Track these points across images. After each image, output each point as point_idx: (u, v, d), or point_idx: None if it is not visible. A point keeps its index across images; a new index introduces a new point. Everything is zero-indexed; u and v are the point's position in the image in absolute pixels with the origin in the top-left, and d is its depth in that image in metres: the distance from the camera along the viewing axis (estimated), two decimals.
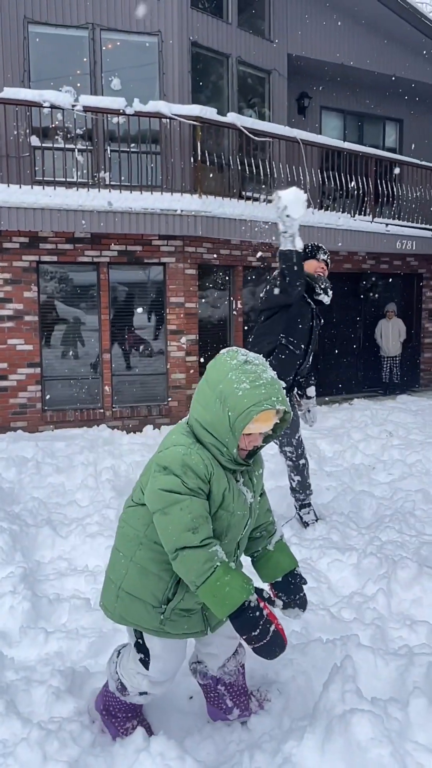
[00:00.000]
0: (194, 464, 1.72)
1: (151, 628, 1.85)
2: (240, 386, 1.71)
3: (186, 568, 1.71)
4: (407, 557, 3.17)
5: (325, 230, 9.04)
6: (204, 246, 8.27)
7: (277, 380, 1.79)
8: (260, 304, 3.98)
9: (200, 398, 1.80)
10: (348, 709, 1.75)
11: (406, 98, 11.98)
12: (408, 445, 6.06)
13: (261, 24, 9.97)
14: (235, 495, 1.82)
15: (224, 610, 1.69)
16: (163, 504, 1.71)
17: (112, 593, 1.90)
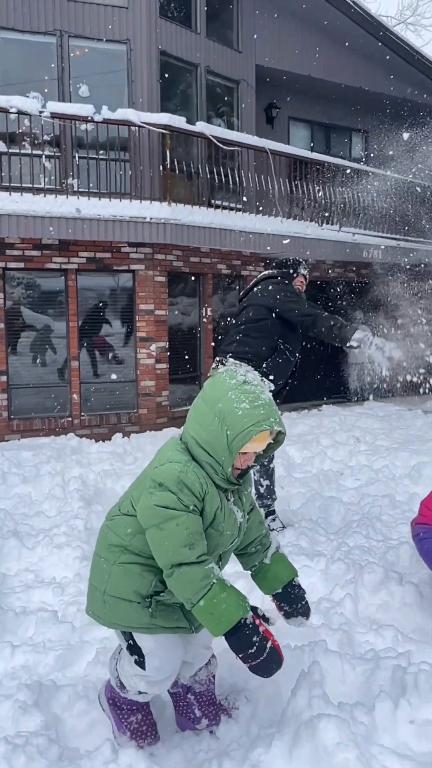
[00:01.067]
0: (190, 482, 1.73)
1: (143, 626, 1.84)
2: (240, 406, 1.73)
3: (182, 586, 1.71)
4: (374, 562, 3.22)
5: (293, 239, 9.14)
6: (174, 253, 8.28)
7: (274, 401, 1.83)
8: (258, 300, 3.87)
9: (197, 416, 1.81)
10: (315, 714, 1.77)
11: (372, 110, 12.22)
12: (375, 450, 6.15)
13: (229, 35, 10.07)
14: (226, 514, 1.83)
15: (220, 628, 1.68)
16: (159, 519, 1.71)
17: (98, 599, 1.89)
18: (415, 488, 4.96)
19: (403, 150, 12.48)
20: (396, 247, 10.78)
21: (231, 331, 3.96)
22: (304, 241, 9.30)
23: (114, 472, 5.53)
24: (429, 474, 5.14)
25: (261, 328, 3.77)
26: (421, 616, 2.69)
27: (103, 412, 7.96)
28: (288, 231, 9.08)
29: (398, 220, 11.10)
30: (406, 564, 3.33)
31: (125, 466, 5.92)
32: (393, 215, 11.02)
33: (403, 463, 5.60)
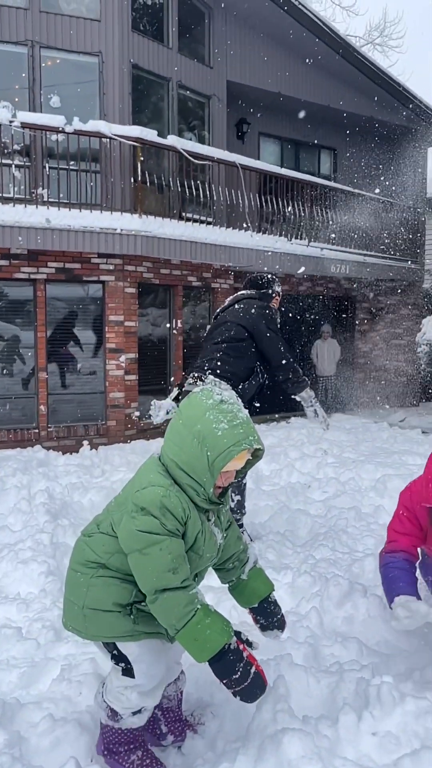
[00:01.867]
0: (172, 507, 1.72)
1: (126, 634, 1.82)
2: (219, 426, 1.73)
3: (166, 611, 1.69)
4: (339, 575, 3.26)
5: (263, 253, 9.26)
6: (144, 265, 8.30)
7: (250, 419, 1.83)
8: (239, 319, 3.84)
9: (175, 438, 1.79)
10: (280, 728, 1.78)
11: (340, 128, 12.49)
12: (342, 463, 6.24)
13: (201, 50, 10.20)
14: (207, 537, 1.83)
15: (204, 655, 1.67)
16: (142, 545, 1.70)
17: (78, 614, 1.86)
18: (380, 500, 5.04)
19: (370, 168, 12.79)
20: (362, 263, 11.00)
21: (208, 346, 3.89)
22: (273, 255, 9.42)
23: (81, 485, 5.48)
24: (394, 486, 5.23)
25: (241, 349, 3.76)
26: (385, 628, 2.73)
27: (71, 423, 7.89)
28: (258, 245, 9.19)
29: (365, 236, 11.34)
30: (370, 576, 3.37)
31: (93, 479, 5.87)
32: (360, 232, 11.25)
33: (369, 476, 5.69)
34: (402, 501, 2.50)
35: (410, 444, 7.66)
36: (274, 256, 9.45)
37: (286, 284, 10.75)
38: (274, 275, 4.28)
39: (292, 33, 10.58)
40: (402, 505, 2.45)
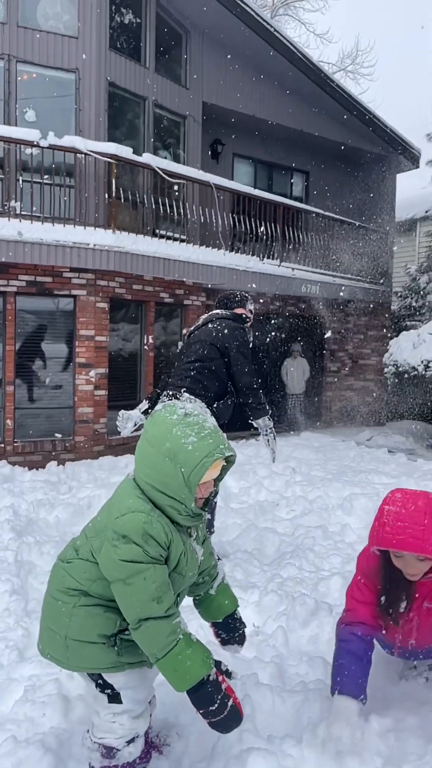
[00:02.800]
0: (155, 533, 1.70)
1: (110, 666, 1.79)
2: (188, 440, 1.71)
3: (149, 640, 1.68)
4: (306, 594, 3.29)
5: (235, 271, 9.36)
6: (116, 280, 8.31)
7: (218, 427, 1.83)
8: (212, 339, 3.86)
9: (146, 460, 1.77)
10: (245, 748, 1.79)
11: (313, 152, 12.76)
12: (310, 481, 6.29)
13: (177, 71, 10.35)
14: (189, 557, 1.82)
15: (184, 685, 1.67)
16: (125, 574, 1.67)
17: (59, 644, 1.81)
18: (347, 519, 5.10)
19: (341, 192, 13.08)
20: (332, 284, 11.20)
21: (181, 364, 3.90)
22: (245, 274, 9.53)
23: (48, 502, 5.41)
24: (360, 505, 5.31)
25: (214, 369, 3.78)
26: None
27: (38, 438, 7.79)
28: (230, 263, 9.29)
29: (335, 258, 11.56)
30: (336, 595, 3.41)
31: (60, 496, 5.81)
32: (331, 253, 11.47)
33: (336, 494, 5.76)
34: (359, 566, 2.35)
35: (377, 463, 7.78)
36: (246, 275, 9.56)
37: (258, 303, 10.85)
38: (246, 293, 4.30)
39: (267, 58, 10.81)
40: (360, 570, 2.33)
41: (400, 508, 2.00)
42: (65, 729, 2.11)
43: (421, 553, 1.95)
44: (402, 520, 1.96)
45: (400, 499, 2.04)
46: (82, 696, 2.30)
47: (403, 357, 9.68)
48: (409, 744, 2.01)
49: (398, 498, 2.06)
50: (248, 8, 10.02)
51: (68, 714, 2.18)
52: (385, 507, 2.06)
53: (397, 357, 9.87)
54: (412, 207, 16.58)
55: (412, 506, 2.00)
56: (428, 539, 1.95)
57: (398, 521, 1.97)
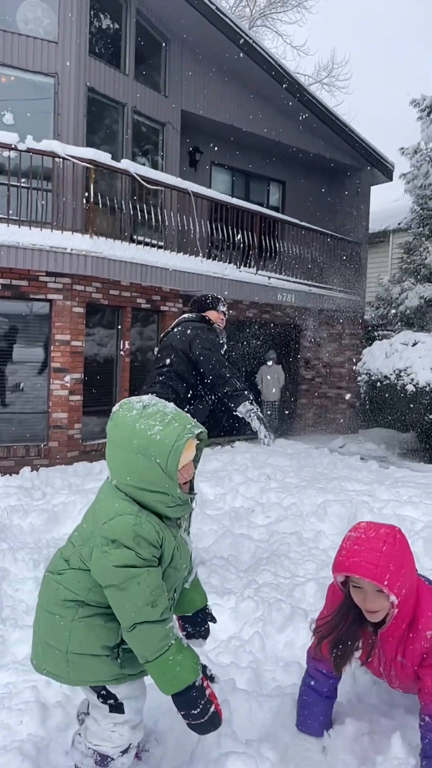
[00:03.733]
0: (146, 533, 1.68)
1: (112, 678, 1.77)
2: (154, 431, 1.69)
3: (141, 643, 1.68)
4: (281, 599, 3.33)
5: (212, 279, 9.41)
6: (93, 285, 8.28)
7: (179, 409, 1.81)
8: (176, 343, 3.86)
9: (119, 464, 1.75)
10: (224, 752, 1.81)
11: (289, 162, 12.93)
12: (284, 488, 6.35)
13: (157, 78, 10.40)
14: (182, 550, 1.82)
15: (171, 689, 1.68)
16: (119, 580, 1.65)
17: (60, 659, 1.77)
18: (321, 526, 5.16)
19: (316, 202, 13.26)
20: (308, 293, 11.34)
21: (153, 371, 3.93)
22: (222, 281, 9.60)
23: (21, 508, 5.36)
24: (334, 512, 5.37)
25: (181, 372, 3.76)
26: None
27: (11, 443, 7.70)
28: (207, 271, 9.34)
29: (310, 267, 11.71)
30: (311, 601, 3.46)
31: (33, 502, 5.75)
32: (306, 263, 11.61)
33: (310, 501, 5.82)
34: (327, 598, 2.23)
35: (349, 470, 7.88)
36: (223, 283, 9.62)
37: (234, 310, 10.94)
38: (218, 296, 4.26)
39: (245, 68, 10.93)
40: (327, 602, 2.21)
41: (361, 534, 1.95)
42: (43, 737, 2.11)
43: (374, 580, 1.83)
44: (359, 544, 1.90)
45: (363, 527, 1.99)
46: (60, 703, 2.29)
47: (376, 366, 9.84)
48: (383, 746, 2.05)
49: (362, 526, 2.01)
50: (227, 18, 10.13)
51: (46, 721, 2.18)
52: (348, 534, 2.00)
53: (370, 366, 10.03)
54: (386, 219, 16.89)
55: (373, 533, 1.94)
56: (384, 568, 1.85)
57: (355, 545, 1.91)
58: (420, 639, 1.99)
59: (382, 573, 1.84)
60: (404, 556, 1.92)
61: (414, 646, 2.00)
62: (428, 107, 12.84)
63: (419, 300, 12.59)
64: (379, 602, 1.90)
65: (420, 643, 1.99)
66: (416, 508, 5.55)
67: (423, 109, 12.87)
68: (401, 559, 1.90)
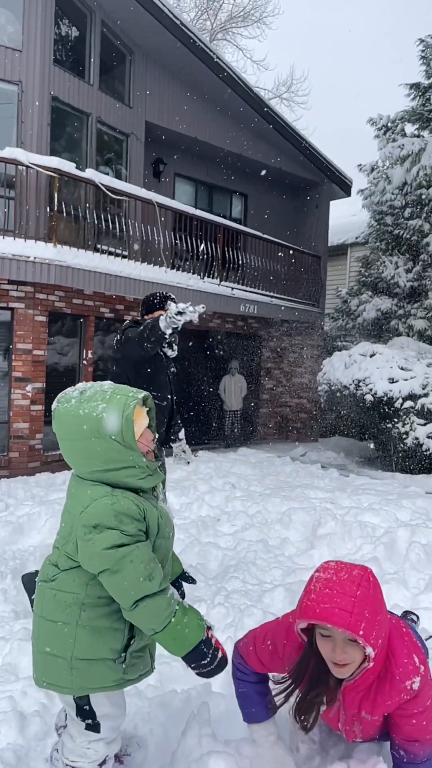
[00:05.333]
0: (126, 508, 1.68)
1: (114, 684, 1.77)
2: (98, 410, 1.69)
3: (147, 618, 1.69)
4: (252, 605, 3.39)
5: (176, 289, 9.48)
6: (56, 294, 8.24)
7: (113, 383, 1.82)
8: (116, 353, 3.85)
9: (77, 455, 1.74)
10: (205, 752, 1.86)
11: (251, 175, 13.15)
12: (249, 496, 6.43)
13: (121, 90, 10.46)
14: (165, 519, 1.83)
15: (183, 650, 1.72)
16: (111, 563, 1.64)
17: (63, 668, 1.74)
18: (286, 533, 5.26)
19: (277, 215, 13.52)
20: (269, 304, 11.53)
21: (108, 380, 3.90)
22: (186, 291, 9.67)
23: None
24: (299, 519, 5.48)
25: (129, 379, 3.66)
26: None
27: None
28: (171, 281, 9.40)
29: (272, 278, 11.92)
30: (280, 606, 3.54)
31: None
32: (268, 274, 11.81)
33: (275, 509, 5.91)
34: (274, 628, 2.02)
35: (311, 478, 8.04)
36: (187, 293, 9.69)
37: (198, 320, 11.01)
38: (168, 294, 4.00)
39: (208, 81, 11.10)
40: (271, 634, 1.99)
41: (332, 575, 1.73)
42: (22, 745, 2.11)
43: (348, 629, 1.63)
44: (330, 588, 1.68)
45: (333, 568, 1.78)
46: (38, 712, 2.30)
47: (335, 376, 10.07)
48: None
49: (332, 566, 1.79)
50: (189, 31, 10.28)
51: (24, 730, 2.18)
52: (315, 575, 1.79)
53: (330, 376, 10.25)
54: (344, 232, 17.32)
55: (345, 575, 1.73)
56: (359, 615, 1.64)
57: (326, 588, 1.69)
58: (397, 691, 1.77)
59: (357, 621, 1.64)
60: (379, 600, 1.73)
61: (388, 700, 1.79)
62: (385, 126, 13.29)
63: (376, 312, 12.95)
64: (351, 654, 1.70)
65: (398, 695, 1.77)
66: (377, 515, 5.71)
67: (380, 128, 13.31)
68: (376, 603, 1.71)
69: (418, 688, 1.77)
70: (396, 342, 11.14)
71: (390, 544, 4.78)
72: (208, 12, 23.86)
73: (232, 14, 24.20)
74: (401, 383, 9.31)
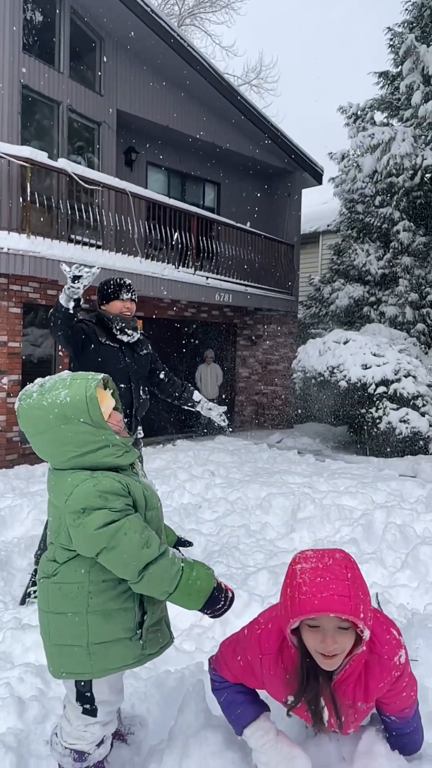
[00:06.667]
0: (109, 487, 1.71)
1: (134, 661, 1.82)
2: (62, 397, 1.72)
3: (156, 584, 1.72)
4: (237, 588, 3.50)
5: (151, 279, 9.49)
6: (30, 285, 8.18)
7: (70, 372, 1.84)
8: None
9: (50, 446, 1.76)
10: (201, 726, 1.96)
11: (224, 164, 13.15)
12: (229, 483, 6.54)
13: (92, 77, 10.34)
14: (150, 492, 1.86)
15: (200, 603, 1.77)
16: (106, 541, 1.67)
17: (81, 655, 1.77)
18: (266, 518, 5.39)
19: (250, 203, 13.55)
20: (244, 293, 11.60)
21: None
22: (160, 281, 9.69)
23: None
24: (278, 504, 5.61)
25: None
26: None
27: None
28: (146, 270, 9.40)
29: (246, 267, 11.98)
30: (264, 588, 3.66)
31: None
32: (242, 263, 11.87)
33: (254, 495, 6.04)
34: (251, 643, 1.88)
35: (288, 464, 8.18)
36: (162, 282, 9.71)
37: (173, 309, 11.06)
38: (123, 280, 3.77)
39: (179, 71, 11.02)
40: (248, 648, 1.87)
41: (316, 563, 1.65)
42: (22, 729, 2.18)
43: (351, 614, 1.56)
44: (322, 576, 1.61)
45: (314, 556, 1.70)
46: (36, 696, 2.36)
47: (310, 363, 10.22)
48: None
49: (310, 555, 1.71)
50: (158, 18, 10.18)
51: (23, 714, 2.25)
52: (296, 567, 1.68)
53: (305, 363, 10.40)
54: (316, 220, 17.46)
55: (330, 560, 1.66)
56: (356, 598, 1.58)
57: (317, 577, 1.61)
58: (388, 670, 1.74)
59: (356, 604, 1.58)
60: (363, 579, 1.68)
61: (380, 682, 1.75)
62: (354, 114, 13.41)
63: (349, 300, 13.14)
64: (341, 642, 1.62)
65: (389, 674, 1.74)
66: (354, 498, 5.88)
67: (350, 116, 13.43)
68: (364, 583, 1.67)
69: (404, 661, 1.78)
70: (368, 329, 11.34)
71: (367, 525, 4.94)
72: None
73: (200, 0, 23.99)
74: (374, 369, 9.50)
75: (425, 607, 3.48)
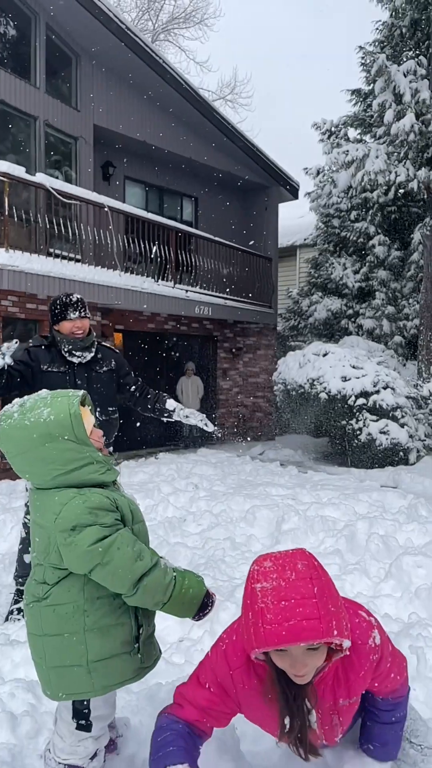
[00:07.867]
0: (98, 503, 1.70)
1: (134, 675, 1.82)
2: (44, 416, 1.70)
3: (151, 594, 1.72)
4: (224, 600, 3.49)
5: (130, 292, 9.51)
6: (9, 299, 8.14)
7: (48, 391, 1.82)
8: None
9: (33, 465, 1.73)
10: None
11: (201, 179, 13.27)
12: (213, 496, 6.53)
13: (68, 92, 10.40)
14: (134, 506, 1.87)
15: (192, 611, 1.80)
16: (100, 556, 1.66)
17: (81, 675, 1.75)
18: (251, 530, 5.38)
19: (228, 217, 13.68)
20: (223, 306, 11.68)
21: None
22: (140, 294, 9.71)
23: None
24: (263, 516, 5.62)
25: None
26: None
27: None
28: (125, 284, 9.42)
29: (225, 280, 12.07)
30: None
31: None
32: (221, 276, 11.96)
33: (238, 507, 6.03)
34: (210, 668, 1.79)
35: (271, 476, 8.20)
36: (141, 296, 9.74)
37: (153, 322, 11.07)
38: (70, 298, 3.42)
39: (154, 86, 11.12)
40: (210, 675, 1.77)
41: (278, 579, 1.48)
42: (15, 743, 2.15)
43: (323, 638, 1.41)
44: (285, 598, 1.44)
45: (272, 569, 1.52)
46: (28, 712, 2.33)
47: (290, 376, 10.30)
48: None
49: (269, 568, 1.53)
50: (133, 35, 10.28)
51: (16, 729, 2.21)
52: (255, 586, 1.52)
53: (285, 375, 10.47)
54: (293, 234, 17.68)
55: (292, 573, 1.48)
56: (327, 615, 1.42)
57: (280, 601, 1.44)
58: (365, 656, 1.63)
59: (328, 623, 1.43)
60: (330, 581, 1.53)
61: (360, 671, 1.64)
62: (329, 131, 13.68)
63: (327, 312, 13.31)
64: (312, 661, 1.51)
65: (367, 660, 1.64)
66: (337, 509, 5.91)
67: (324, 132, 13.68)
68: (331, 587, 1.51)
69: (380, 641, 1.66)
70: (347, 341, 11.49)
71: (350, 536, 4.97)
72: (149, 12, 23.87)
73: (174, 15, 24.29)
74: (354, 381, 9.61)
75: (409, 616, 3.50)
